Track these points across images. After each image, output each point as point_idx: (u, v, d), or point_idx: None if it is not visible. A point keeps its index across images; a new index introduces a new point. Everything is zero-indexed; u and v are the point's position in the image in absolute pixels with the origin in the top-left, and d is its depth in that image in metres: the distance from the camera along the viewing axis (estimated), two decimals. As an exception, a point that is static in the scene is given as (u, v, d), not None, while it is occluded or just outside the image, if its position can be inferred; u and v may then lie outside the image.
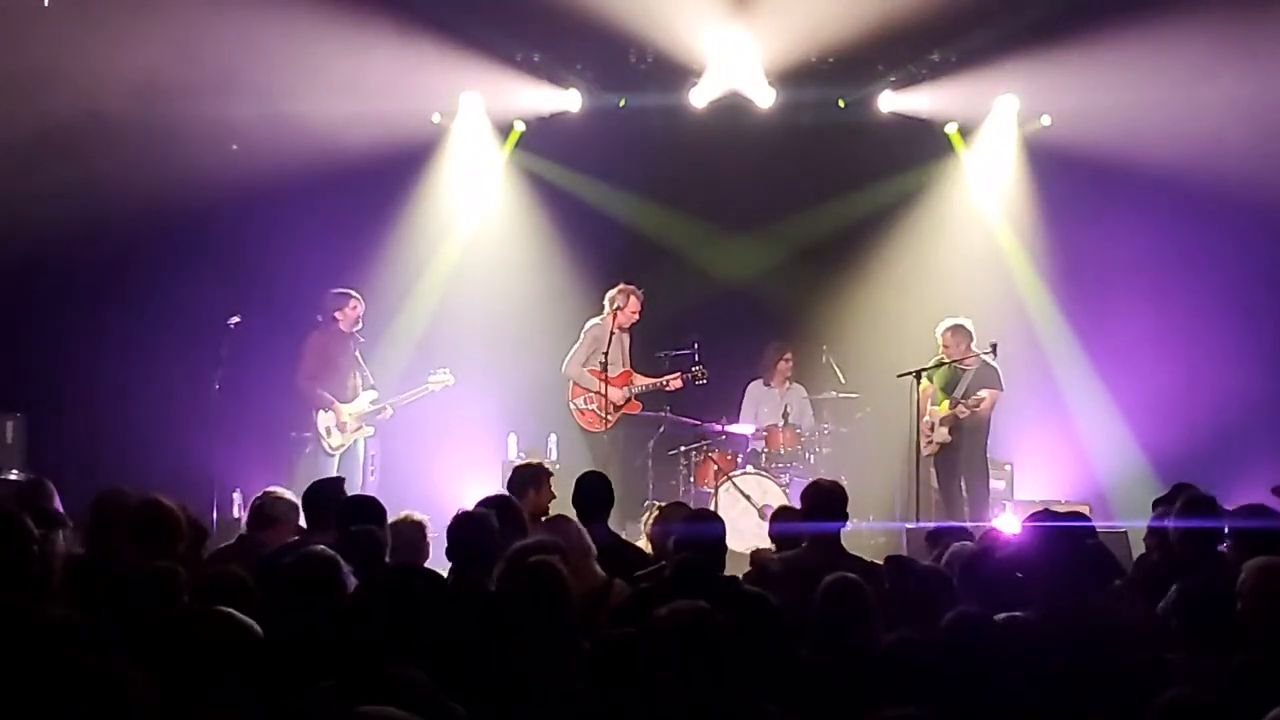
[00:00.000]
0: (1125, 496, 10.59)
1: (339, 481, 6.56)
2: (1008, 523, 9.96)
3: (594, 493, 6.41)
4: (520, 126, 12.01)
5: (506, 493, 6.32)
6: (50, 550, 5.01)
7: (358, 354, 10.28)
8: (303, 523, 6.42)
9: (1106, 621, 4.46)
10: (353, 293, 10.27)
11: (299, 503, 6.34)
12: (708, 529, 5.32)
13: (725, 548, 5.38)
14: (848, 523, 6.03)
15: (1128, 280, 11.41)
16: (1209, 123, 10.58)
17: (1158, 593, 4.87)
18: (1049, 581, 4.59)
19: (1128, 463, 11.16)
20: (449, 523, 5.29)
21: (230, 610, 3.81)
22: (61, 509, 6.28)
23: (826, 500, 6.04)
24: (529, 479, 6.69)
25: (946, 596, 4.49)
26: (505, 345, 11.58)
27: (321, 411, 10.06)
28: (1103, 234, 11.42)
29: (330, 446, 10.04)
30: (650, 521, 6.81)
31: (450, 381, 10.35)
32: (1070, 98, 11.27)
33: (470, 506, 5.64)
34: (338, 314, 10.15)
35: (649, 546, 6.61)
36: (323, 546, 4.71)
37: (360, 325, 10.25)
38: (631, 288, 10.52)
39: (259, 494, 6.42)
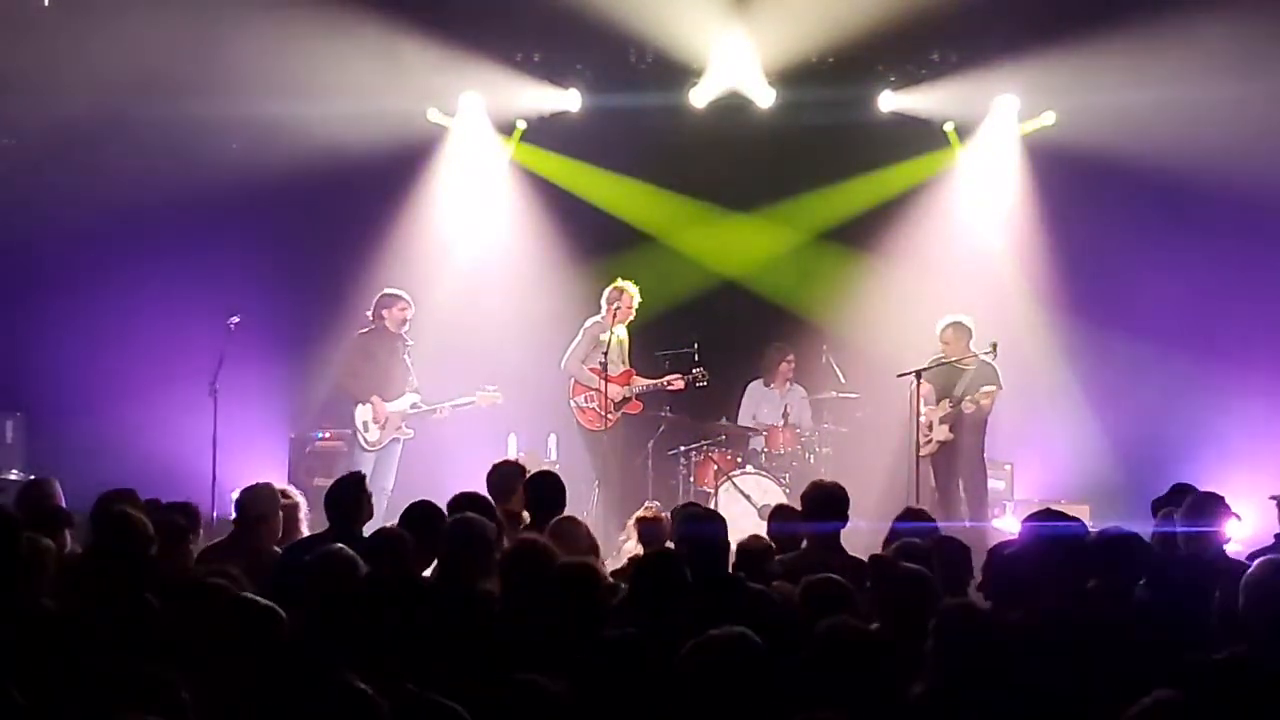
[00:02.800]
0: (1125, 497, 10.58)
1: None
2: (1008, 523, 10.00)
3: (544, 492, 6.33)
4: (521, 125, 12.00)
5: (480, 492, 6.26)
6: (49, 548, 5.01)
7: (406, 357, 10.23)
8: (306, 522, 6.47)
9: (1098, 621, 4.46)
10: (402, 294, 10.24)
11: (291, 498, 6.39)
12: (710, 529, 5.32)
13: (726, 547, 5.38)
14: (847, 523, 6.03)
15: (1127, 279, 11.40)
16: (1210, 124, 10.57)
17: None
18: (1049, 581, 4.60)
19: (1127, 463, 11.14)
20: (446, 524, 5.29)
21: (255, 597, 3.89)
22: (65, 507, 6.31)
23: (827, 501, 6.02)
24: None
25: (930, 597, 4.49)
26: (505, 345, 11.57)
27: (360, 405, 10.02)
28: (1102, 233, 11.41)
29: (367, 441, 9.99)
30: (633, 526, 6.76)
31: (499, 400, 10.36)
32: (1070, 97, 11.28)
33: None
34: (384, 313, 10.11)
35: (638, 548, 6.61)
36: (341, 546, 4.73)
37: (407, 327, 10.21)
38: (625, 284, 10.54)
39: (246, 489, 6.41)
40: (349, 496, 6.06)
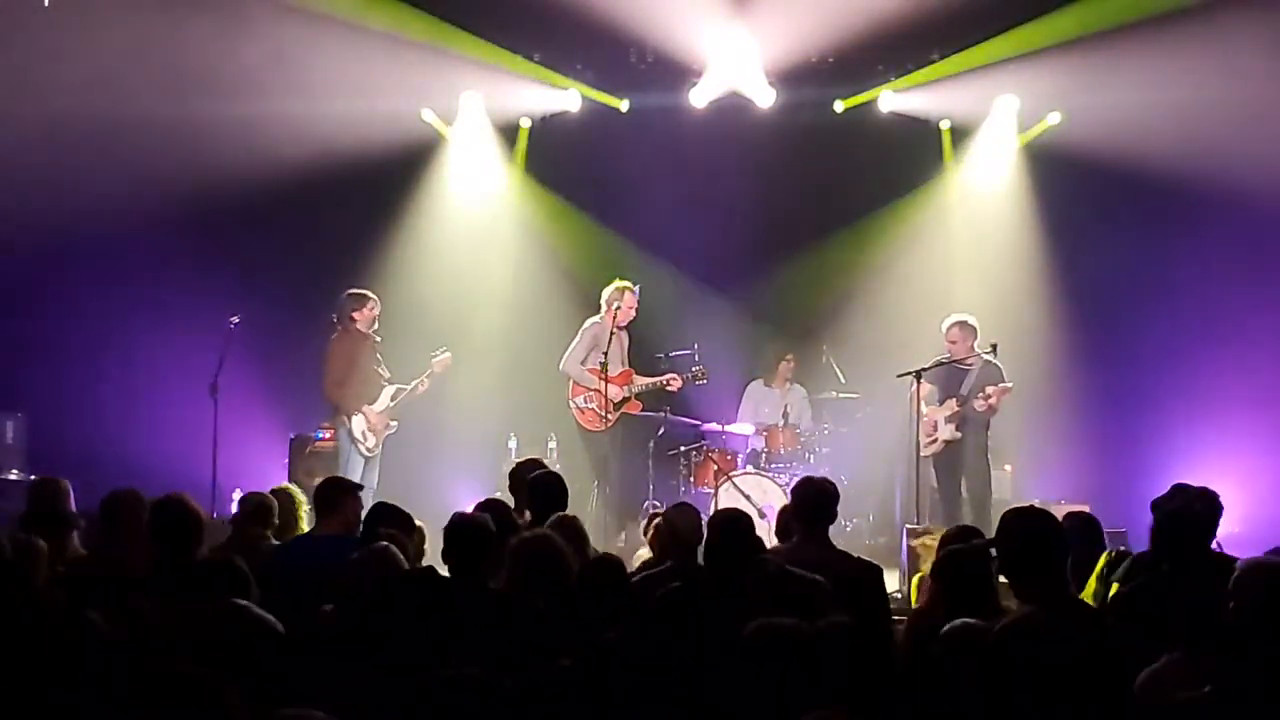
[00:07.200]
0: (1125, 497, 10.57)
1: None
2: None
3: (547, 492, 6.34)
4: (522, 125, 12.01)
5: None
6: (42, 550, 5.04)
7: (378, 354, 10.18)
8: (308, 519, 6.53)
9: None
10: (368, 293, 10.16)
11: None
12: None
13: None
14: (839, 521, 6.03)
15: (1128, 280, 11.40)
16: (1211, 125, 10.58)
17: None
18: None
19: (1127, 463, 11.14)
20: (446, 525, 5.30)
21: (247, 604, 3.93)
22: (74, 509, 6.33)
23: (816, 498, 6.00)
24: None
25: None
26: (505, 346, 11.57)
27: (354, 416, 9.96)
28: (1103, 233, 11.41)
29: (366, 449, 9.91)
30: (650, 527, 6.77)
31: (449, 359, 10.22)
32: (1070, 98, 11.28)
33: (469, 508, 5.66)
34: (356, 315, 10.00)
35: (649, 550, 6.60)
36: (386, 544, 4.88)
37: (376, 325, 10.17)
38: (628, 284, 10.51)
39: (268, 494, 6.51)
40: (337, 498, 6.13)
